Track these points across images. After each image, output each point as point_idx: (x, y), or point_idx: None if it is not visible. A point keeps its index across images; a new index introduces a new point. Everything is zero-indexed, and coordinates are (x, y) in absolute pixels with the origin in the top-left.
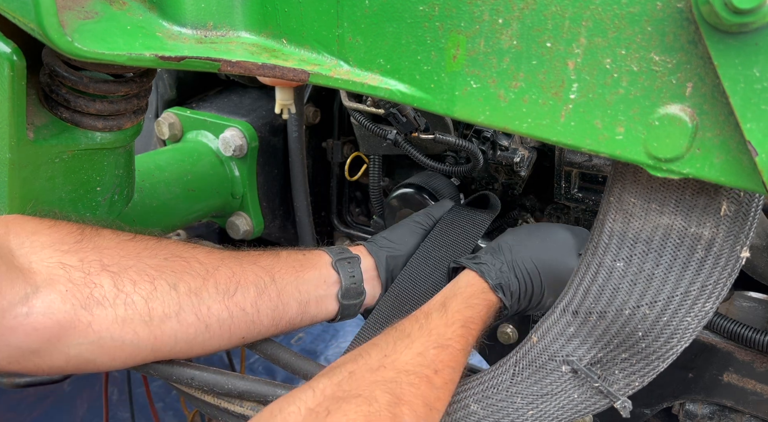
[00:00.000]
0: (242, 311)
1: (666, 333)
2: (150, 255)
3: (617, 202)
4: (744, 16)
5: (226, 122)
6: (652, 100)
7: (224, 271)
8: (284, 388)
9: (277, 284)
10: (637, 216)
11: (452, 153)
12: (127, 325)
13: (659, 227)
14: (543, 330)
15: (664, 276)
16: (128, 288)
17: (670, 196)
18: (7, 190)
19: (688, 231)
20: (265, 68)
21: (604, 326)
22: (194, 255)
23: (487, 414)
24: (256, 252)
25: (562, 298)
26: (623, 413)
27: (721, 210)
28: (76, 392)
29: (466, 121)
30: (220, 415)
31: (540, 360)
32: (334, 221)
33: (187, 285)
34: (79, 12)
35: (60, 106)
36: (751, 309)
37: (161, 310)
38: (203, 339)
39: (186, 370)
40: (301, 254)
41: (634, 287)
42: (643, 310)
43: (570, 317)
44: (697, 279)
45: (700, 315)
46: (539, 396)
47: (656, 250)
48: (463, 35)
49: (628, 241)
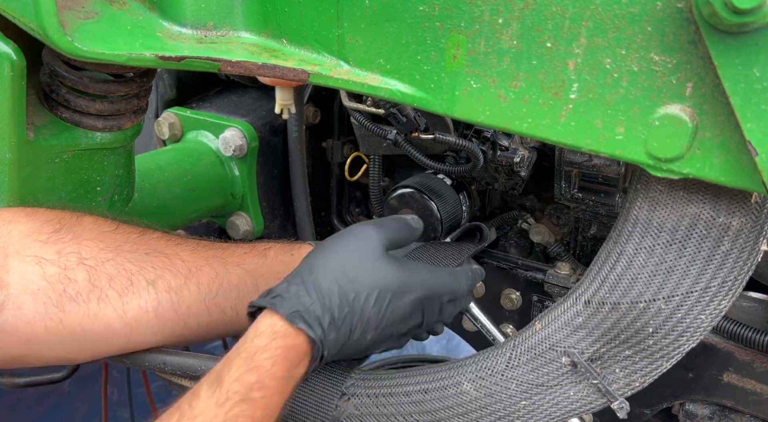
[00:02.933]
0: (222, 313)
1: (677, 331)
2: (131, 249)
3: (644, 190)
4: (744, 16)
5: (226, 122)
6: (652, 100)
7: (207, 272)
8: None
9: (259, 290)
10: (664, 204)
11: (452, 153)
12: (99, 320)
13: (686, 216)
14: (549, 318)
15: (686, 269)
16: (103, 283)
17: (699, 183)
18: (7, 190)
19: (716, 221)
20: (265, 68)
21: (614, 319)
22: (177, 253)
23: (479, 395)
24: (242, 251)
25: (578, 287)
26: (620, 414)
27: (752, 197)
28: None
29: (466, 121)
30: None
31: (540, 348)
32: (334, 221)
33: (166, 283)
34: (79, 12)
35: (60, 106)
36: (751, 309)
37: (137, 305)
38: (181, 333)
39: (157, 356)
40: (289, 255)
41: (653, 279)
42: (658, 304)
43: (581, 307)
44: (719, 274)
45: (714, 313)
46: (534, 385)
47: (680, 241)
48: (463, 35)
49: (653, 230)
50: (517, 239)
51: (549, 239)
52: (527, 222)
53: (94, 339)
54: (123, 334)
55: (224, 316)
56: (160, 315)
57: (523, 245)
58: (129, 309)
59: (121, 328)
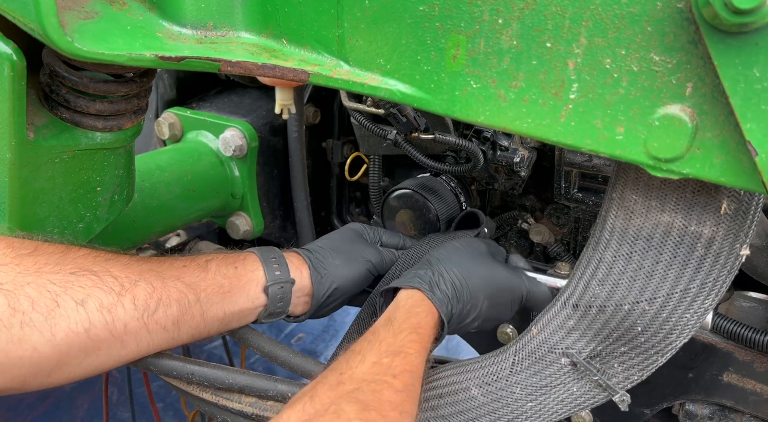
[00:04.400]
0: (163, 329)
1: (665, 329)
2: (53, 271)
3: (619, 199)
4: (744, 16)
5: (226, 122)
6: (652, 100)
7: (143, 287)
8: (284, 383)
9: (202, 304)
10: (638, 214)
11: (452, 153)
12: (24, 344)
13: (660, 225)
14: (543, 323)
15: (664, 273)
16: (25, 306)
17: (671, 194)
18: (7, 190)
19: (688, 229)
20: (265, 68)
21: (603, 320)
22: (107, 269)
23: (486, 401)
24: (180, 264)
25: (564, 291)
26: (622, 406)
27: (722, 208)
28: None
29: (466, 121)
30: (218, 413)
31: (539, 351)
32: (334, 221)
33: (97, 302)
34: (79, 12)
35: (60, 106)
36: (751, 309)
37: (66, 326)
38: (118, 354)
39: (186, 366)
40: (232, 267)
41: (634, 283)
42: (642, 306)
43: (570, 310)
44: (697, 277)
45: (699, 312)
46: (538, 387)
47: (656, 248)
48: (463, 35)
49: (629, 238)
50: (517, 239)
51: (549, 239)
52: (527, 222)
53: (21, 365)
54: (53, 358)
55: (165, 333)
56: (93, 335)
57: (523, 245)
58: (57, 331)
59: (50, 351)
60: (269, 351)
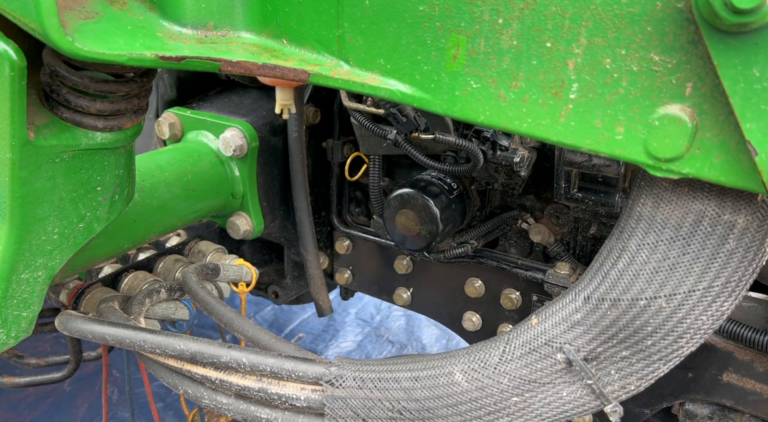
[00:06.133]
0: None
1: (677, 332)
2: None
3: (648, 186)
4: (744, 16)
5: (226, 122)
6: (652, 100)
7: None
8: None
9: None
10: (668, 201)
11: (452, 153)
12: None
13: (690, 212)
14: (547, 313)
15: (689, 267)
16: None
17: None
18: (7, 190)
19: (722, 218)
20: (266, 68)
21: (614, 316)
22: None
23: (470, 388)
24: None
25: (578, 284)
26: (613, 418)
27: (759, 195)
28: (76, 392)
29: (466, 121)
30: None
31: (535, 342)
32: (334, 221)
33: None
34: (80, 12)
35: (60, 106)
36: (751, 309)
37: None
38: None
39: (138, 334)
40: None
41: (655, 276)
42: (659, 302)
43: (580, 302)
44: (723, 274)
45: (716, 316)
46: (527, 381)
47: (684, 237)
48: (463, 35)
49: (656, 226)
50: (517, 239)
51: (549, 239)
52: (527, 222)
53: None
54: None
55: None
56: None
57: (523, 245)
58: None
59: None
60: (252, 334)
